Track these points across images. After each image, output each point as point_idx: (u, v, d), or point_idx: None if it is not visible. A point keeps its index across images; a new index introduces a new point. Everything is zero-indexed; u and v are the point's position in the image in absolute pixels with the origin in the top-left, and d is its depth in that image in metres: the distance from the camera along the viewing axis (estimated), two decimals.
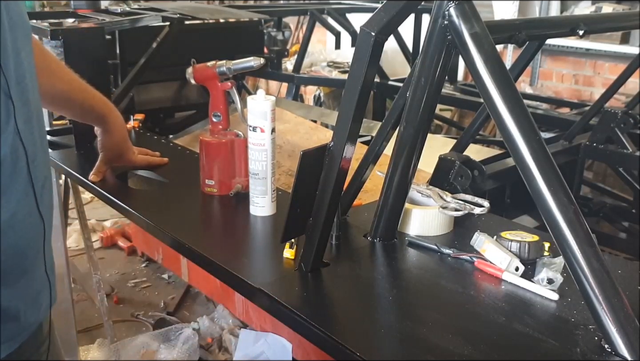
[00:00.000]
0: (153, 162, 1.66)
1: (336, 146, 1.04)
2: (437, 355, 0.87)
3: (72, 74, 1.41)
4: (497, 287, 1.07)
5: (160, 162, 1.67)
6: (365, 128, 2.47)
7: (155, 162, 1.66)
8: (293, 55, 4.23)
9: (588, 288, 0.86)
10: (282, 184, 1.70)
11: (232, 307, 2.29)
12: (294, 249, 1.16)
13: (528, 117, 0.93)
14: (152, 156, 1.68)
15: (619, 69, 3.26)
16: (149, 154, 1.68)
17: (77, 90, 1.43)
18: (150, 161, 1.66)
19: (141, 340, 2.49)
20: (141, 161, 1.63)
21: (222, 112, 1.46)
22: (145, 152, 1.68)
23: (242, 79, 2.98)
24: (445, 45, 1.04)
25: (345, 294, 1.07)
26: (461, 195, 1.31)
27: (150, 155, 1.68)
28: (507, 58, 4.21)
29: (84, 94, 1.45)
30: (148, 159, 1.65)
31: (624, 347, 0.84)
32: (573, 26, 1.40)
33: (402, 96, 1.19)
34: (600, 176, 3.03)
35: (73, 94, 1.43)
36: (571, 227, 0.87)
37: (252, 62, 1.44)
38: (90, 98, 1.48)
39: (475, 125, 1.68)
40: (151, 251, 2.66)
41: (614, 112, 2.10)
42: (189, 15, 2.26)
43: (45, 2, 5.62)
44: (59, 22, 1.94)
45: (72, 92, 1.42)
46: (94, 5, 2.44)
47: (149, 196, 1.55)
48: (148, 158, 1.66)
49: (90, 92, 1.47)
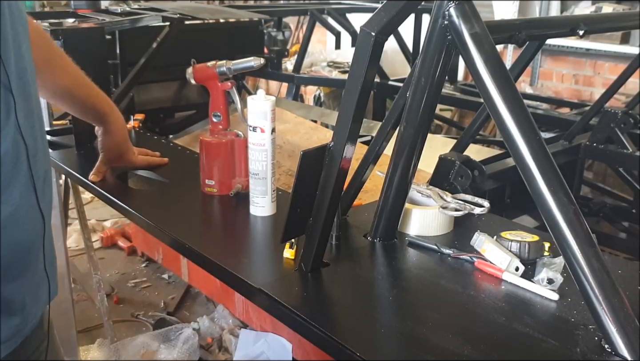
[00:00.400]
0: (153, 162, 1.66)
1: (336, 146, 1.04)
2: (437, 355, 0.87)
3: (78, 70, 1.40)
4: (497, 287, 1.07)
5: (160, 163, 1.67)
6: (365, 128, 2.47)
7: (155, 163, 1.66)
8: (293, 55, 4.23)
9: (588, 288, 0.86)
10: (282, 184, 1.70)
11: (232, 307, 2.29)
12: (294, 249, 1.16)
13: (528, 117, 0.93)
14: (152, 156, 1.68)
15: (619, 69, 3.26)
16: (149, 154, 1.68)
17: (82, 86, 1.43)
18: (150, 161, 1.66)
19: (141, 340, 2.49)
20: (141, 161, 1.63)
21: (222, 112, 1.46)
22: (145, 153, 1.68)
23: (242, 79, 2.98)
24: (445, 45, 1.04)
25: (345, 294, 1.07)
26: (461, 195, 1.31)
27: (151, 155, 1.68)
28: (507, 58, 4.21)
29: (88, 90, 1.45)
30: (148, 160, 1.65)
31: (624, 347, 0.84)
32: (573, 26, 1.40)
33: (402, 96, 1.19)
34: (600, 176, 3.04)
35: (77, 90, 1.43)
36: (571, 227, 0.87)
37: (252, 62, 1.44)
38: (94, 96, 1.48)
39: (475, 125, 1.68)
40: (151, 251, 2.66)
41: (614, 112, 2.10)
42: (189, 15, 2.26)
43: (45, 2, 5.62)
44: (59, 22, 1.94)
45: (76, 89, 1.42)
46: (94, 5, 2.45)
47: (149, 196, 1.55)
48: (148, 158, 1.66)
49: (94, 90, 1.47)
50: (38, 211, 0.91)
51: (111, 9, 2.40)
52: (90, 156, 1.67)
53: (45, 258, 0.95)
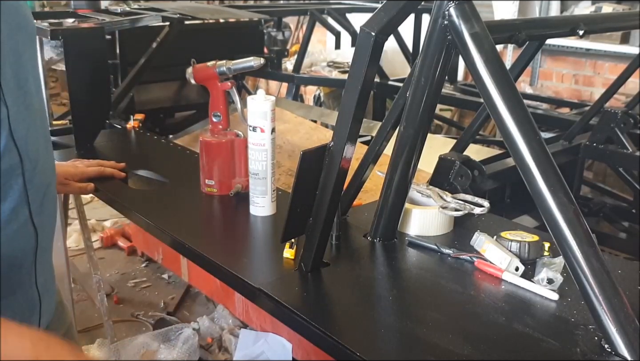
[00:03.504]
0: (104, 173, 1.55)
1: (336, 146, 1.04)
2: (437, 355, 0.87)
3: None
4: (497, 287, 1.06)
5: (113, 174, 1.56)
6: (365, 128, 2.47)
7: (107, 173, 1.55)
8: (293, 55, 4.23)
9: (588, 288, 0.86)
10: (282, 184, 1.70)
11: (232, 307, 2.29)
12: (294, 249, 1.16)
13: (528, 117, 0.93)
14: (110, 167, 1.58)
15: (619, 69, 3.26)
16: (104, 165, 1.57)
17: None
18: (102, 171, 1.55)
19: (141, 340, 2.49)
20: (91, 171, 1.53)
21: (222, 112, 1.46)
22: (100, 163, 1.57)
23: (242, 79, 2.98)
24: (445, 45, 1.04)
25: (345, 294, 1.07)
26: (461, 195, 1.31)
27: (106, 165, 1.57)
28: (507, 58, 4.21)
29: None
30: (99, 170, 1.54)
31: (624, 347, 0.84)
32: (573, 26, 1.40)
33: (402, 96, 1.19)
34: (600, 176, 3.03)
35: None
36: (571, 227, 0.87)
37: (252, 62, 1.44)
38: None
39: (475, 125, 1.68)
40: (151, 251, 2.66)
41: (614, 112, 2.10)
42: (189, 15, 2.26)
43: (45, 2, 5.63)
44: (59, 22, 1.94)
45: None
46: (94, 5, 2.45)
47: (149, 196, 1.55)
48: (99, 169, 1.55)
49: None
50: (31, 226, 0.86)
51: (111, 9, 2.40)
52: (90, 156, 1.67)
53: (37, 277, 0.89)
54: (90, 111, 1.82)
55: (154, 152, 1.84)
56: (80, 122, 1.81)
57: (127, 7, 2.40)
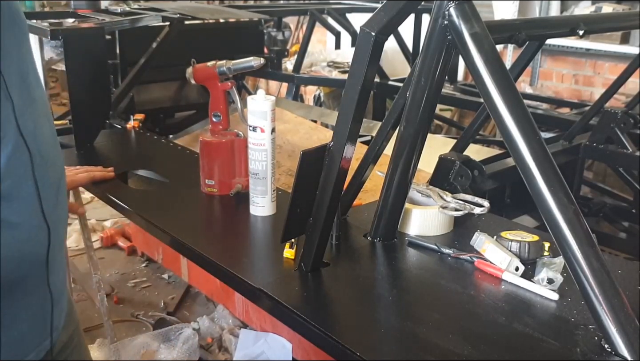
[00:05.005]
0: (95, 178, 1.56)
1: (336, 146, 1.04)
2: (437, 355, 0.87)
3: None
4: (497, 287, 1.06)
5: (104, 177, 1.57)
6: (365, 128, 2.47)
7: (97, 178, 1.56)
8: (293, 55, 4.23)
9: (588, 288, 0.86)
10: (282, 184, 1.70)
11: (232, 307, 2.30)
12: (294, 249, 1.16)
13: (528, 117, 0.93)
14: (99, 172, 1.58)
15: (619, 69, 3.26)
16: (92, 170, 1.58)
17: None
18: (92, 177, 1.55)
19: (141, 340, 2.48)
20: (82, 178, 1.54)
21: (222, 112, 1.46)
22: (88, 170, 1.58)
23: (242, 79, 2.98)
24: (445, 45, 1.04)
25: (345, 294, 1.07)
26: (461, 195, 1.31)
27: (93, 170, 1.58)
28: (507, 58, 4.21)
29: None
30: (89, 176, 1.55)
31: (624, 347, 0.84)
32: (573, 26, 1.40)
33: (402, 96, 1.19)
34: (600, 176, 3.03)
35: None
36: (571, 227, 0.87)
37: (252, 62, 1.44)
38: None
39: (475, 125, 1.68)
40: (151, 251, 2.66)
41: (614, 112, 2.10)
42: (189, 15, 2.26)
43: (45, 2, 5.62)
44: (59, 22, 1.95)
45: None
46: (94, 5, 2.45)
47: (149, 196, 1.55)
48: (90, 175, 1.55)
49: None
50: (44, 223, 0.82)
51: (111, 9, 2.40)
52: (90, 156, 1.67)
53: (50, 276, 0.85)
54: (90, 111, 1.82)
55: (154, 152, 1.84)
56: (80, 122, 1.81)
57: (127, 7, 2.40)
